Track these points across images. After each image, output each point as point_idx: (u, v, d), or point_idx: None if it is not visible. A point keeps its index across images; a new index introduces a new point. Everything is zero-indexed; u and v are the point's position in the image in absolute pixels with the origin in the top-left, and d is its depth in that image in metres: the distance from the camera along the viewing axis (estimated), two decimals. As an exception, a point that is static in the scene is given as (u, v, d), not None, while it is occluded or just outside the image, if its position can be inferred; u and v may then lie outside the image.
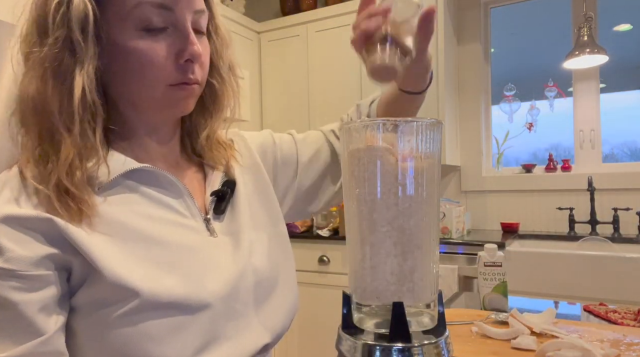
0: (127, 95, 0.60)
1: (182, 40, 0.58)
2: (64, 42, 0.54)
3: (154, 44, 0.57)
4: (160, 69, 0.58)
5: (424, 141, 0.46)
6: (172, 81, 0.59)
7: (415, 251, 0.46)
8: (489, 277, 1.05)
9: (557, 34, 2.67)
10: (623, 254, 1.77)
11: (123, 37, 0.56)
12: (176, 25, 0.58)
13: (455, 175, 2.74)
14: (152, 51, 0.57)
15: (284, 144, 0.82)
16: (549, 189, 2.50)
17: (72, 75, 0.54)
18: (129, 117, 0.62)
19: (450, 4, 2.58)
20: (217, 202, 0.67)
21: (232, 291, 0.60)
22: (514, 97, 2.70)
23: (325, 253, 2.46)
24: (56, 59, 0.54)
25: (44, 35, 0.54)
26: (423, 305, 0.47)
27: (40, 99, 0.54)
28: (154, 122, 0.64)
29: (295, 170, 0.81)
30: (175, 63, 0.58)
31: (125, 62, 0.57)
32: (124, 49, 0.56)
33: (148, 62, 0.57)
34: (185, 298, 0.55)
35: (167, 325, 0.54)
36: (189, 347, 0.55)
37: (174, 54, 0.58)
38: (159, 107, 0.61)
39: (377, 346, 0.44)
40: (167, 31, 0.58)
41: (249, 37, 2.93)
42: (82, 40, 0.54)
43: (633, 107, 2.52)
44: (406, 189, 0.45)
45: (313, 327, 2.44)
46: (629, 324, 0.95)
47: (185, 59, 0.58)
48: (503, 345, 0.82)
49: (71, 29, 0.53)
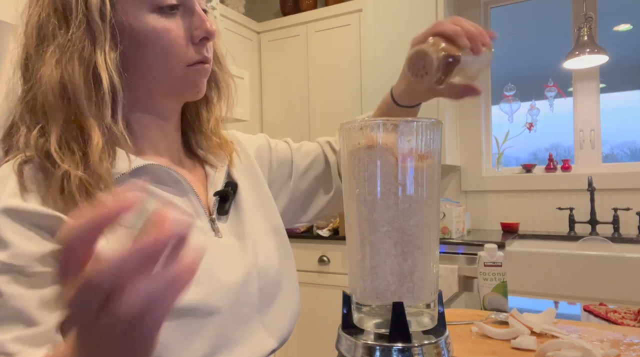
0: (145, 81, 0.60)
1: (195, 19, 0.59)
2: (85, 28, 0.54)
3: (169, 24, 0.57)
4: (181, 49, 0.58)
5: (424, 141, 0.46)
6: (190, 61, 0.59)
7: (415, 251, 0.46)
8: (489, 277, 1.05)
9: (557, 34, 2.67)
10: (623, 254, 1.77)
11: (139, 20, 0.56)
12: (186, 5, 0.59)
13: (455, 175, 2.74)
14: (170, 32, 0.57)
15: (279, 150, 0.82)
16: (549, 189, 2.50)
17: (95, 61, 0.54)
18: (141, 106, 0.61)
19: (450, 4, 2.58)
20: (220, 203, 0.66)
21: (239, 294, 0.59)
22: (514, 97, 2.70)
23: (325, 253, 2.46)
24: (80, 43, 0.54)
25: (64, 21, 0.54)
26: (423, 305, 0.47)
27: (69, 85, 0.53)
28: (165, 111, 0.64)
29: (289, 177, 0.81)
30: (191, 42, 0.59)
31: (145, 46, 0.57)
32: (143, 32, 0.56)
33: (169, 42, 0.57)
34: (196, 302, 0.54)
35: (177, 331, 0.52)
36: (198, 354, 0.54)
37: (189, 34, 0.59)
38: (177, 90, 0.61)
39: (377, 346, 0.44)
40: (178, 12, 0.59)
41: (249, 37, 2.93)
42: (102, 26, 0.54)
43: (633, 107, 2.52)
44: (406, 189, 0.45)
45: (313, 327, 2.44)
46: (629, 324, 0.95)
47: (201, 38, 0.59)
48: (503, 345, 0.82)
49: (91, 12, 0.54)
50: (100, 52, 0.54)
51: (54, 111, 0.54)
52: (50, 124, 0.53)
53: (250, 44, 2.93)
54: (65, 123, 0.53)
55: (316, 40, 2.80)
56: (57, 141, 0.53)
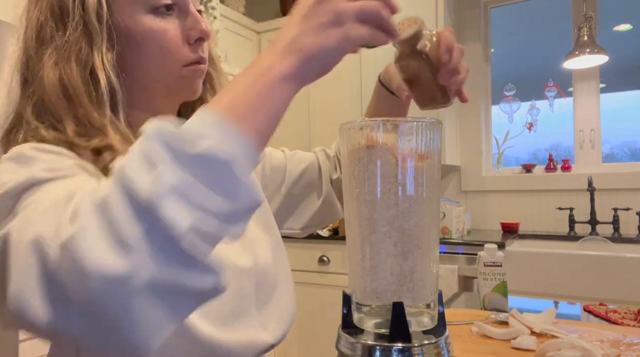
0: (143, 81, 0.60)
1: (189, 20, 0.59)
2: (82, 29, 0.54)
3: (165, 24, 0.58)
4: (178, 49, 0.59)
5: (424, 141, 0.46)
6: (186, 61, 0.60)
7: (415, 251, 0.46)
8: (489, 277, 1.05)
9: (557, 34, 2.67)
10: (623, 254, 1.77)
11: (135, 21, 0.57)
12: (181, 5, 0.59)
13: (455, 175, 2.74)
14: (167, 32, 0.58)
15: (274, 156, 0.83)
16: (549, 189, 2.50)
17: (93, 62, 0.54)
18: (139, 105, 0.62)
19: (450, 3, 2.58)
20: None
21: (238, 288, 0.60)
22: (514, 97, 2.70)
23: (325, 253, 2.46)
24: (77, 44, 0.54)
25: (61, 23, 0.55)
26: (423, 305, 0.47)
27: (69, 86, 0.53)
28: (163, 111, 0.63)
29: (281, 182, 0.81)
30: (186, 42, 0.60)
31: (142, 46, 0.57)
32: (139, 32, 0.57)
33: (166, 42, 0.58)
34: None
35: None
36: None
37: (185, 34, 0.59)
38: (174, 89, 0.61)
39: (377, 346, 0.44)
40: (174, 12, 0.59)
41: (249, 37, 2.92)
42: (99, 27, 0.54)
43: (633, 107, 2.52)
44: (406, 189, 0.45)
45: (313, 327, 2.44)
46: (629, 324, 0.95)
47: (196, 39, 0.60)
48: (503, 345, 0.82)
49: (88, 14, 0.54)
50: (97, 53, 0.55)
51: (61, 110, 0.54)
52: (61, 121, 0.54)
53: (250, 44, 2.93)
54: (76, 119, 0.54)
55: (316, 40, 2.79)
56: (75, 132, 0.53)
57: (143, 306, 0.34)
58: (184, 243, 0.33)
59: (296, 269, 2.48)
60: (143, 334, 0.34)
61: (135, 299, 0.33)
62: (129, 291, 0.33)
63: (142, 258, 0.33)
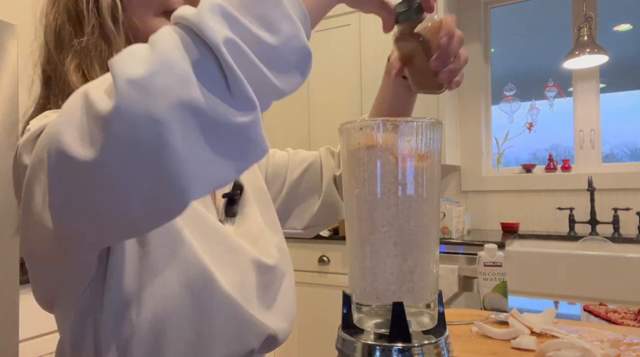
0: None
1: None
2: (99, 32, 0.55)
3: None
4: None
5: (424, 141, 0.46)
6: None
7: (415, 251, 0.46)
8: (489, 277, 1.05)
9: (557, 34, 2.67)
10: (623, 254, 1.77)
11: (144, 24, 0.57)
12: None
13: (455, 175, 2.74)
14: None
15: (277, 156, 0.83)
16: (549, 189, 2.50)
17: None
18: None
19: (450, 3, 2.58)
20: (228, 205, 0.67)
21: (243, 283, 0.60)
22: (514, 97, 2.70)
23: (325, 253, 2.46)
24: (97, 48, 0.55)
25: (78, 26, 0.55)
26: (423, 305, 0.47)
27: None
28: None
29: (283, 181, 0.81)
30: None
31: None
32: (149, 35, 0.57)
33: None
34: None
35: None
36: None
37: None
38: None
39: (377, 346, 0.44)
40: None
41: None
42: (115, 29, 0.55)
43: (633, 107, 2.52)
44: (406, 189, 0.45)
45: (313, 327, 2.44)
46: (629, 324, 0.95)
47: None
48: (503, 345, 0.82)
49: (103, 17, 0.54)
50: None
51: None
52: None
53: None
54: None
55: (316, 40, 2.80)
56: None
57: (181, 129, 0.33)
58: (218, 52, 0.35)
59: (296, 269, 2.47)
60: (185, 166, 0.34)
61: (172, 115, 0.33)
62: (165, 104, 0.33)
63: (180, 74, 0.34)
